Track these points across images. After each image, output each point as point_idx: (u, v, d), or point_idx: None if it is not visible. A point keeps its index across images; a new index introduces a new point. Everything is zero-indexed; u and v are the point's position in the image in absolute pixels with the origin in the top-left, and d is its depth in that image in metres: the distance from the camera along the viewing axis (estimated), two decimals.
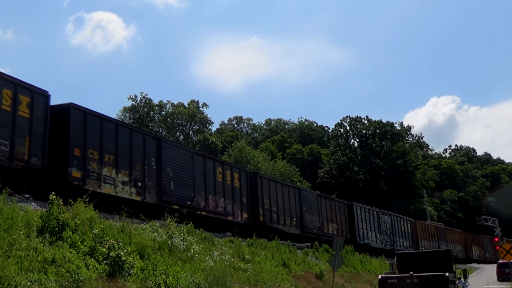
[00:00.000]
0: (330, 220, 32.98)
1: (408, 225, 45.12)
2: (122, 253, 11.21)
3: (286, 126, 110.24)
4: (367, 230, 37.28)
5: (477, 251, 59.45)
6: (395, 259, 19.54)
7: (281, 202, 28.00)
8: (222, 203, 23.31)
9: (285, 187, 29.37)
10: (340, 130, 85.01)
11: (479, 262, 56.21)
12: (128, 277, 11.13)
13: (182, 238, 15.22)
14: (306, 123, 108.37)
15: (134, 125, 45.14)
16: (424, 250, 21.00)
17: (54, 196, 11.39)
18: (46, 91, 16.02)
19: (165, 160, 20.17)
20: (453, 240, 53.63)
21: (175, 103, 78.20)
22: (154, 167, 19.55)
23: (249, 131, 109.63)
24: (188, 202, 21.06)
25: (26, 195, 15.18)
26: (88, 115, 17.06)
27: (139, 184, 18.64)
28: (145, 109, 75.23)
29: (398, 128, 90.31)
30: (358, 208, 37.13)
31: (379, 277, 17.09)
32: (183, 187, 20.96)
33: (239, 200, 24.56)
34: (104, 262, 11.04)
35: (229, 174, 24.19)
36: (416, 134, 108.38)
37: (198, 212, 21.58)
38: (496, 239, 54.04)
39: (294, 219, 28.96)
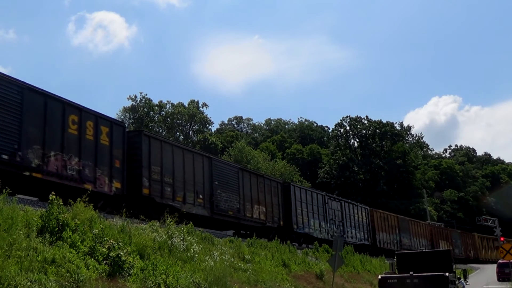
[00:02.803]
0: (256, 201, 26.61)
1: (364, 214, 38.80)
2: (122, 253, 11.23)
3: (286, 126, 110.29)
4: (308, 217, 30.94)
5: (445, 247, 52.94)
6: (395, 259, 19.58)
7: (181, 172, 21.56)
8: (75, 165, 16.92)
9: (188, 153, 22.65)
10: (340, 130, 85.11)
11: None
12: (128, 277, 11.15)
13: (182, 238, 15.24)
14: (306, 123, 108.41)
15: (134, 125, 43.45)
16: (424, 250, 21.03)
17: (54, 196, 11.40)
18: None
19: None
20: (418, 233, 48.00)
21: (175, 103, 78.41)
22: None
23: (249, 131, 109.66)
24: (5, 157, 14.65)
25: None
26: None
27: None
28: (145, 109, 75.35)
29: (398, 128, 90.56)
30: (297, 190, 30.89)
31: (379, 277, 17.12)
32: None
33: (107, 164, 18.19)
34: (104, 262, 11.05)
35: (92, 126, 17.86)
36: (416, 134, 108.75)
37: (27, 173, 15.27)
38: (502, 239, 53.89)
39: (201, 196, 22.54)
